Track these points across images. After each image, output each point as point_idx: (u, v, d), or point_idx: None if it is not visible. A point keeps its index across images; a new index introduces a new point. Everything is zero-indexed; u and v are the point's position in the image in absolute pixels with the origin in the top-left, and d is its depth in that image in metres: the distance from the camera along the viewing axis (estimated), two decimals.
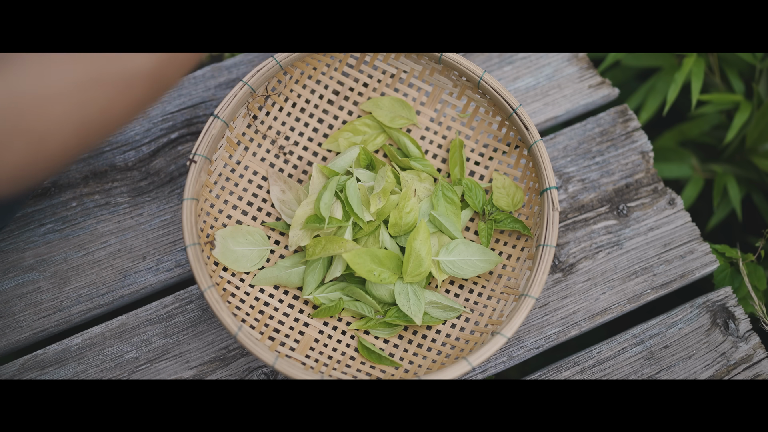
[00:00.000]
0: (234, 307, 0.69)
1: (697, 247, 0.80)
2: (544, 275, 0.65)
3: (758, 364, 0.75)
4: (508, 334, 0.63)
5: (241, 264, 0.71)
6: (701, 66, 0.94)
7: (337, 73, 0.78)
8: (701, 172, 1.01)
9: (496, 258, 0.72)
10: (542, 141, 0.70)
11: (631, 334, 0.77)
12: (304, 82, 0.77)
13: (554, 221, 0.67)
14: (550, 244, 0.66)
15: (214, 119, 0.68)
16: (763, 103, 0.96)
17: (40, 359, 0.73)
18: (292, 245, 0.71)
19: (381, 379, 0.67)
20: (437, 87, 0.78)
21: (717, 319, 0.77)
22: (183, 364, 0.74)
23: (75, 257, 0.77)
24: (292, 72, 0.76)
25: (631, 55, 1.01)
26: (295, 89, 0.77)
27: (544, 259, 0.66)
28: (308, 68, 0.77)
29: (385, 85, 0.79)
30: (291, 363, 0.61)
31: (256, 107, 0.75)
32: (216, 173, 0.73)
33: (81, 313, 0.75)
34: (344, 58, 0.77)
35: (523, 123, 0.70)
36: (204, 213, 0.70)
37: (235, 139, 0.74)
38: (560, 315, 0.77)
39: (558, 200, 0.68)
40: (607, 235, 0.80)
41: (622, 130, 0.84)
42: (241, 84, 0.70)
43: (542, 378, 0.75)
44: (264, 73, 0.71)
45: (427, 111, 0.79)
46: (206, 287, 0.62)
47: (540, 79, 0.86)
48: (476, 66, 0.72)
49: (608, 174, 0.82)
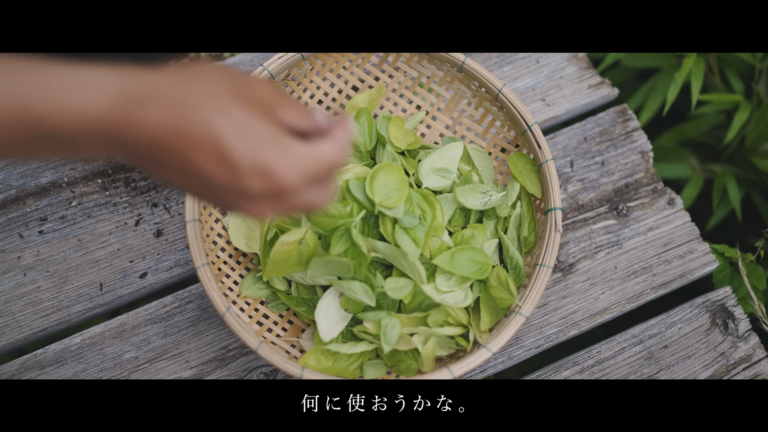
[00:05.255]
0: (227, 288, 0.69)
1: (697, 247, 0.80)
2: (538, 295, 0.64)
3: (757, 363, 0.75)
4: (494, 349, 0.62)
5: (250, 243, 0.71)
6: (701, 66, 0.94)
7: (358, 69, 0.77)
8: (701, 172, 1.01)
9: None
10: (553, 161, 0.69)
11: (631, 334, 0.77)
12: (324, 74, 0.77)
13: (555, 242, 0.66)
14: (548, 265, 0.65)
15: None
16: (762, 103, 0.96)
17: (39, 359, 0.73)
18: None
19: (375, 379, 0.67)
20: (456, 95, 0.77)
21: (716, 319, 0.77)
22: (182, 363, 0.74)
23: (75, 257, 0.77)
24: (313, 63, 0.75)
25: (631, 55, 1.01)
26: (315, 80, 0.77)
27: (540, 279, 0.65)
28: (330, 61, 0.76)
29: (405, 87, 0.78)
30: (275, 350, 0.62)
31: None
32: None
33: (80, 312, 0.75)
34: (366, 56, 0.77)
35: (536, 141, 0.70)
36: (210, 206, 0.70)
37: None
38: (560, 315, 0.77)
39: (561, 222, 0.67)
40: (607, 235, 0.80)
41: (621, 130, 0.84)
42: (261, 69, 0.70)
43: (542, 378, 0.75)
44: (285, 61, 0.71)
45: (443, 117, 0.78)
46: (200, 264, 0.62)
47: (540, 79, 0.86)
48: (496, 78, 0.71)
49: (608, 174, 0.82)
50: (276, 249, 0.63)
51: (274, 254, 0.63)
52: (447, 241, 0.70)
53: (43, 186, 0.79)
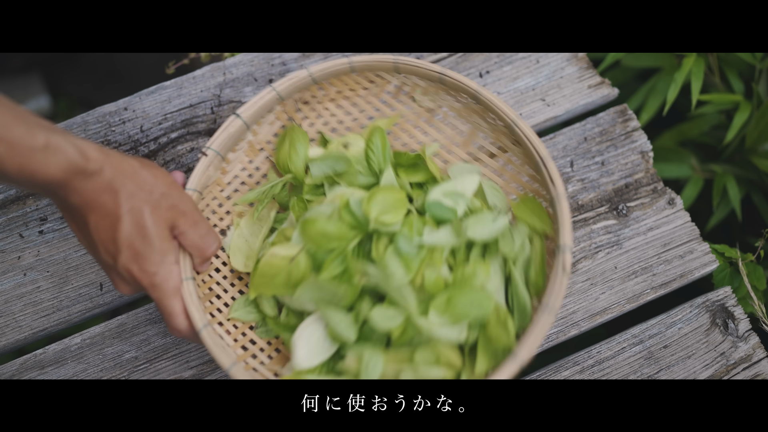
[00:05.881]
0: (215, 308, 0.66)
1: (697, 247, 0.80)
2: (538, 340, 0.56)
3: (758, 363, 0.76)
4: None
5: (248, 264, 0.68)
6: (701, 66, 0.94)
7: (375, 99, 0.74)
8: (701, 172, 1.01)
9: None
10: (566, 199, 0.62)
11: (631, 334, 0.77)
12: (339, 102, 0.74)
13: (562, 285, 0.57)
14: (552, 309, 0.56)
15: (235, 118, 0.67)
16: (762, 103, 0.96)
17: (39, 359, 0.73)
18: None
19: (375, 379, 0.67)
20: (475, 128, 0.72)
21: (716, 319, 0.77)
22: (182, 363, 0.74)
23: (75, 257, 0.77)
24: (327, 88, 0.72)
25: (631, 55, 1.01)
26: (330, 107, 0.74)
27: (540, 324, 0.56)
28: (345, 88, 0.72)
29: (421, 119, 0.74)
30: (250, 374, 0.59)
31: (285, 117, 0.73)
32: (231, 174, 0.71)
33: (80, 312, 0.75)
34: (382, 84, 0.72)
35: (550, 177, 0.62)
36: (210, 210, 0.69)
37: (258, 146, 0.72)
38: (560, 315, 0.77)
39: (571, 263, 0.59)
40: (607, 234, 0.80)
41: (621, 129, 0.84)
42: (270, 89, 0.68)
43: (541, 378, 0.75)
44: (294, 84, 0.68)
45: (459, 152, 0.74)
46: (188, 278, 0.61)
47: (539, 79, 0.86)
48: (510, 108, 0.65)
49: (608, 174, 0.82)
50: (265, 260, 0.61)
51: (262, 265, 0.61)
52: (446, 276, 0.63)
53: None
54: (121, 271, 0.57)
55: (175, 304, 0.59)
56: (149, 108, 0.83)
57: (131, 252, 0.56)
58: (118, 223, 0.55)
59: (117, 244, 0.56)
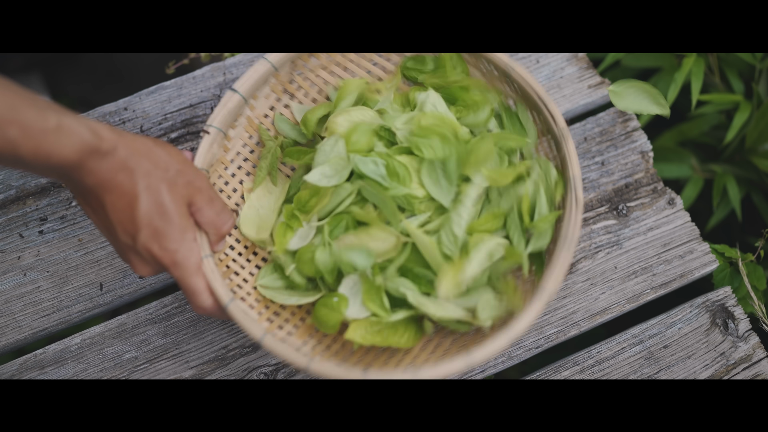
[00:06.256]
0: (235, 285, 0.66)
1: (697, 247, 0.80)
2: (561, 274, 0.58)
3: (758, 363, 0.76)
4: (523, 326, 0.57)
5: (260, 231, 0.69)
6: (701, 66, 0.94)
7: (366, 62, 0.74)
8: (701, 172, 1.01)
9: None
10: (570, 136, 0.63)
11: (631, 334, 0.77)
12: (332, 69, 0.74)
13: (577, 219, 0.59)
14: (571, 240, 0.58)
15: (232, 93, 0.66)
16: (762, 103, 0.96)
17: (39, 359, 0.73)
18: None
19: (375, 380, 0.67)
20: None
21: (716, 319, 0.77)
22: (182, 363, 0.74)
23: (75, 257, 0.77)
24: (320, 56, 0.73)
25: (631, 55, 1.01)
26: (322, 75, 0.74)
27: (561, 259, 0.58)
28: (337, 54, 0.73)
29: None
30: (280, 343, 0.58)
31: (280, 89, 0.72)
32: (234, 151, 0.70)
33: (80, 312, 0.75)
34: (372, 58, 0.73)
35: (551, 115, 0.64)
36: (217, 188, 0.68)
37: (256, 120, 0.72)
38: (560, 315, 0.77)
39: (582, 196, 0.60)
40: (607, 234, 0.80)
41: (621, 130, 0.84)
42: (263, 61, 0.68)
43: (542, 378, 0.75)
44: (287, 53, 0.69)
45: None
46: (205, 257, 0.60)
47: (539, 79, 0.86)
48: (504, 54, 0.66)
49: (608, 174, 0.82)
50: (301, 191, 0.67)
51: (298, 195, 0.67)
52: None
53: (43, 186, 0.79)
54: (140, 250, 0.56)
55: (198, 281, 0.58)
56: (149, 108, 0.83)
57: (151, 230, 0.55)
58: (135, 201, 0.54)
59: (136, 222, 0.55)
